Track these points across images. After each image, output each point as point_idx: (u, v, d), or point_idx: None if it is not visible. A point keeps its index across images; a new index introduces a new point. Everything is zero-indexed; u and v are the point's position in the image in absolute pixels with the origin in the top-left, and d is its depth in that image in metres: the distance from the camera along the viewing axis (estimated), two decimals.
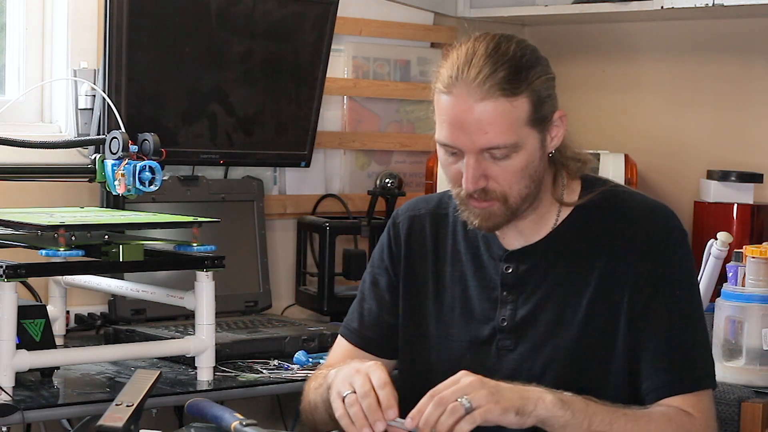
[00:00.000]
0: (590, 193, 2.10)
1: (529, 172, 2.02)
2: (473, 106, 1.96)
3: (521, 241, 2.12)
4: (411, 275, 2.20)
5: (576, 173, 2.12)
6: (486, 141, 1.97)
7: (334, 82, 3.51)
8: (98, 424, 1.98)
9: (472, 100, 1.96)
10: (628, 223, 2.08)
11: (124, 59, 2.95)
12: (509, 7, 3.74)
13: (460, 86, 1.97)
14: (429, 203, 2.24)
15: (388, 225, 2.27)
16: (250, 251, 3.31)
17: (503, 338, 2.09)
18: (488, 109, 1.96)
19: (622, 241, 2.06)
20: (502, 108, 1.96)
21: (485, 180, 2.01)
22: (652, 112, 3.77)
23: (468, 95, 1.96)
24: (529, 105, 1.99)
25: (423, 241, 2.20)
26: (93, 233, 2.48)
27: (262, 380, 2.64)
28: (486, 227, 2.06)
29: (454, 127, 1.99)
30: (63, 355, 2.60)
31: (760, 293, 2.73)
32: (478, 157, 1.99)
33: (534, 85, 1.99)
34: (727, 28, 3.58)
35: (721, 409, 2.69)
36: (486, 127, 1.96)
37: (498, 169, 2.00)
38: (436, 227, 2.21)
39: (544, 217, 2.11)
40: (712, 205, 3.42)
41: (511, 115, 1.97)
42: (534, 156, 2.02)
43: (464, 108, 1.97)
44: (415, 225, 2.22)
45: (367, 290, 2.25)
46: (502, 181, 2.01)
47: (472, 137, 1.97)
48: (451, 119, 1.99)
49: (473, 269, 2.14)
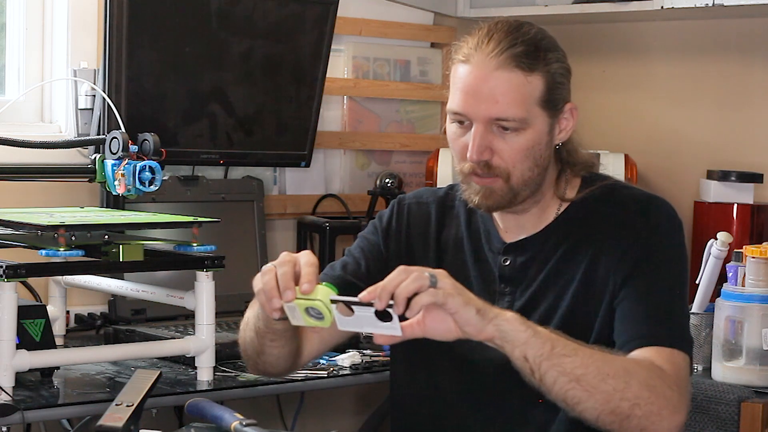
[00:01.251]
0: (589, 187, 2.11)
1: (534, 154, 2.03)
2: (488, 75, 1.99)
3: (522, 235, 2.13)
4: (410, 257, 2.19)
5: (579, 173, 2.13)
6: (496, 111, 1.99)
7: (334, 82, 3.51)
8: (98, 424, 1.98)
9: (489, 69, 1.99)
10: (620, 212, 2.09)
11: (124, 59, 2.95)
12: (509, 7, 3.74)
13: (478, 56, 2.00)
14: (437, 193, 2.26)
15: (392, 202, 2.26)
16: (250, 251, 3.31)
17: None
18: (502, 79, 1.99)
19: (611, 231, 2.07)
20: (517, 81, 1.99)
21: (490, 153, 2.02)
22: (652, 112, 3.77)
23: (485, 64, 1.99)
24: (543, 85, 2.02)
25: (426, 227, 2.20)
26: (93, 233, 2.48)
27: (262, 380, 2.64)
28: (485, 205, 2.06)
29: (467, 94, 2.01)
30: (63, 355, 2.60)
31: (760, 293, 2.73)
32: (486, 128, 2.00)
33: (550, 67, 2.03)
34: (727, 28, 3.58)
35: (721, 409, 2.69)
36: (498, 96, 1.99)
37: (504, 145, 2.01)
38: (442, 215, 2.21)
39: (545, 212, 2.12)
40: (712, 205, 3.42)
41: (524, 89, 2.00)
42: (541, 138, 2.03)
43: (479, 75, 2.00)
44: (421, 209, 2.23)
45: (356, 247, 2.25)
46: (506, 157, 2.02)
47: (482, 105, 1.99)
48: (465, 86, 2.01)
49: (474, 261, 2.15)
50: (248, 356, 2.14)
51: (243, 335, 2.13)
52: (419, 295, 1.79)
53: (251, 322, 2.07)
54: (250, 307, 2.10)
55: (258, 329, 2.04)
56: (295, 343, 2.09)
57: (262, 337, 2.04)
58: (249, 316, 2.09)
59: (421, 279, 1.79)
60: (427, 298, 1.79)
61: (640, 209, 2.09)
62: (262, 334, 2.04)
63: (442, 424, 2.15)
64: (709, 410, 2.68)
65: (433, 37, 3.79)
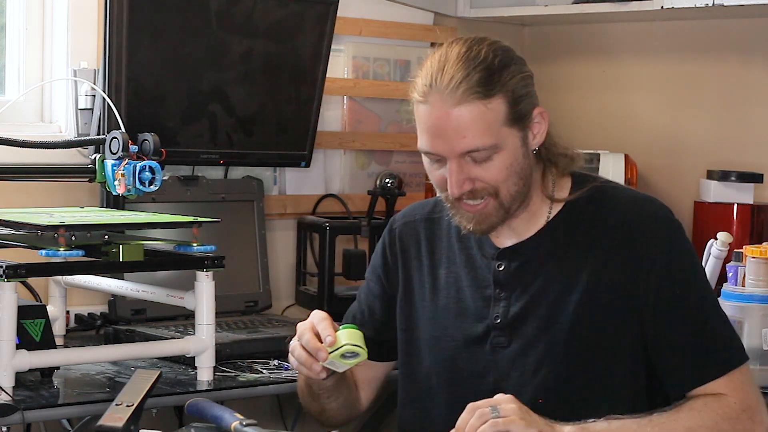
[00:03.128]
0: (580, 189, 2.11)
1: (515, 170, 2.03)
2: (449, 113, 1.98)
3: (513, 239, 2.13)
4: (408, 281, 2.22)
5: (565, 170, 2.13)
6: (465, 145, 1.99)
7: (334, 82, 3.51)
8: (98, 424, 1.98)
9: (448, 107, 1.98)
10: (617, 217, 2.08)
11: (124, 59, 2.95)
12: (509, 7, 3.74)
13: (435, 94, 1.99)
14: (424, 208, 2.26)
15: (384, 232, 2.30)
16: (250, 251, 3.31)
17: (497, 335, 2.10)
18: (464, 114, 1.98)
19: (613, 234, 2.07)
20: (478, 111, 1.98)
21: (471, 183, 2.02)
22: (652, 112, 3.77)
23: (443, 102, 1.98)
24: (505, 105, 2.00)
25: (418, 247, 2.22)
26: (93, 233, 2.48)
27: (262, 380, 2.64)
28: (480, 230, 2.07)
29: (433, 134, 2.00)
30: (63, 355, 2.60)
31: (760, 293, 2.74)
32: (460, 162, 2.01)
33: (508, 85, 2.00)
34: (727, 28, 3.58)
35: None
36: (463, 131, 1.98)
37: (482, 171, 2.02)
38: (431, 232, 2.22)
39: (535, 215, 2.12)
40: (712, 205, 3.42)
41: (488, 117, 1.98)
42: (517, 154, 2.03)
43: (440, 115, 1.99)
44: (410, 232, 2.25)
45: (363, 293, 2.31)
46: (488, 180, 2.02)
47: (451, 143, 1.99)
48: (429, 127, 2.01)
49: (467, 270, 2.15)
50: (312, 413, 2.29)
51: (302, 399, 2.28)
52: (483, 426, 1.87)
53: (305, 390, 2.22)
54: (299, 378, 2.27)
55: (313, 394, 2.20)
56: (349, 393, 2.24)
57: (318, 398, 2.20)
58: (300, 384, 2.25)
59: (483, 416, 1.88)
60: (490, 429, 1.86)
61: (640, 213, 2.08)
62: (317, 396, 2.19)
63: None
64: None
65: (433, 37, 3.79)
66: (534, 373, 2.05)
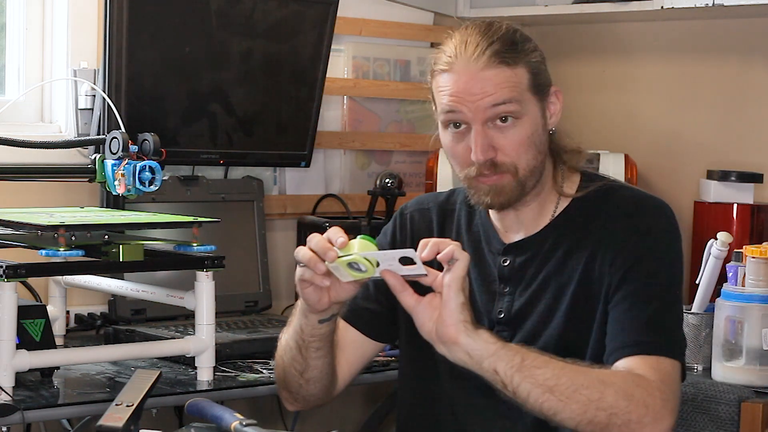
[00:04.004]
0: (588, 186, 2.11)
1: (534, 141, 2.05)
2: (476, 75, 2.01)
3: (521, 234, 2.14)
4: None
5: (575, 165, 2.14)
6: (491, 100, 2.01)
7: (334, 82, 3.51)
8: (98, 424, 1.98)
9: (475, 71, 2.01)
10: (616, 214, 2.09)
11: (124, 59, 2.95)
12: (509, 7, 3.74)
13: (460, 62, 2.03)
14: (437, 198, 2.27)
15: (395, 215, 2.29)
16: (250, 251, 3.31)
17: (500, 330, 2.10)
18: (491, 75, 2.01)
19: (609, 230, 2.08)
20: (504, 74, 2.02)
21: (494, 151, 2.03)
22: (652, 112, 3.77)
23: (469, 67, 2.02)
24: (528, 74, 2.05)
25: (429, 233, 2.21)
26: (93, 233, 2.48)
27: (262, 380, 2.64)
28: (498, 203, 2.07)
29: (459, 96, 2.02)
30: (63, 355, 2.60)
31: (760, 293, 2.74)
32: (485, 127, 2.02)
33: (530, 56, 2.06)
34: (727, 28, 3.58)
35: (721, 409, 2.69)
36: (490, 88, 2.01)
37: (505, 140, 2.03)
38: (443, 221, 2.23)
39: (544, 208, 2.13)
40: (712, 205, 3.42)
41: (513, 80, 2.03)
42: (537, 124, 2.06)
43: (467, 78, 2.02)
44: (423, 218, 2.25)
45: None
46: (510, 152, 2.03)
47: (477, 103, 2.01)
48: (454, 90, 2.03)
49: (474, 263, 2.15)
50: (289, 382, 2.19)
51: (281, 362, 2.19)
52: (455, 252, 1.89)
53: (291, 340, 2.13)
54: (284, 332, 2.18)
55: (301, 342, 2.10)
56: (333, 361, 2.15)
57: (306, 349, 2.11)
58: (286, 338, 2.16)
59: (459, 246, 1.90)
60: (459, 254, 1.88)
61: (635, 210, 2.09)
62: (306, 344, 2.10)
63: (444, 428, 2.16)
64: (709, 410, 2.68)
65: (433, 37, 3.79)
66: None
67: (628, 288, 2.03)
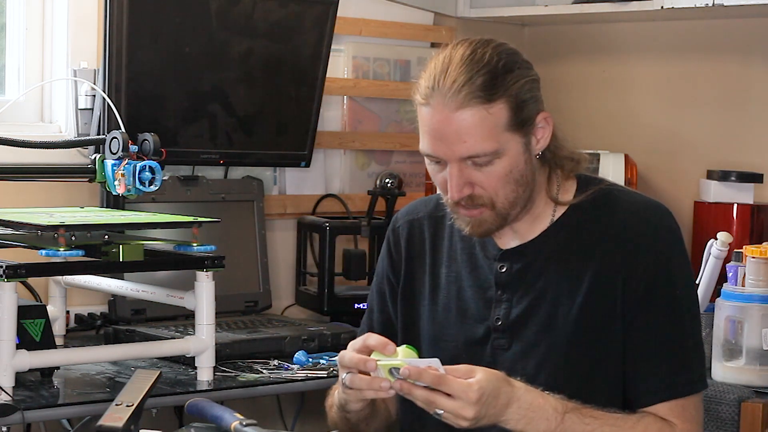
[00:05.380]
0: (585, 191, 2.10)
1: (514, 177, 2.01)
2: (450, 116, 1.96)
3: (516, 241, 2.12)
4: (410, 278, 2.21)
5: (570, 172, 2.12)
6: (465, 150, 1.97)
7: (334, 82, 3.51)
8: (98, 424, 1.98)
9: (449, 110, 1.96)
10: (619, 222, 2.07)
11: (124, 59, 2.95)
12: (509, 7, 3.74)
13: (437, 97, 1.97)
14: (427, 206, 2.25)
15: (388, 232, 2.28)
16: (250, 251, 3.31)
17: (497, 337, 2.10)
18: (465, 118, 1.96)
19: (614, 239, 2.06)
20: (479, 115, 1.96)
21: (470, 187, 2.01)
22: (652, 112, 3.77)
23: (444, 105, 1.96)
24: (508, 110, 1.98)
25: (422, 245, 2.21)
26: (93, 233, 2.48)
27: (262, 380, 2.64)
28: (478, 233, 2.07)
29: (434, 137, 1.99)
30: (63, 355, 2.60)
31: (760, 293, 2.73)
32: (461, 166, 1.99)
33: (512, 89, 1.98)
34: (727, 28, 3.59)
35: (721, 409, 2.69)
36: (464, 136, 1.96)
37: (482, 176, 2.00)
38: (434, 229, 2.21)
39: (539, 217, 2.11)
40: (712, 205, 3.42)
41: (489, 121, 1.96)
42: (518, 160, 2.01)
43: (441, 118, 1.97)
44: (414, 229, 2.23)
45: (374, 301, 2.27)
46: (487, 187, 2.01)
47: (451, 147, 1.98)
48: (430, 130, 1.99)
49: (469, 269, 2.14)
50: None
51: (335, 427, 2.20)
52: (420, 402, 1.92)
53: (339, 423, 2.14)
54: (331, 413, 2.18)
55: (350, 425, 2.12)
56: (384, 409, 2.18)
57: (357, 427, 2.13)
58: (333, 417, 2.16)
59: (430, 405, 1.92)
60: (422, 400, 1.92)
61: (641, 219, 2.08)
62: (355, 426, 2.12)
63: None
64: (709, 410, 2.68)
65: (433, 37, 3.79)
66: (534, 375, 2.04)
67: (650, 313, 2.03)
